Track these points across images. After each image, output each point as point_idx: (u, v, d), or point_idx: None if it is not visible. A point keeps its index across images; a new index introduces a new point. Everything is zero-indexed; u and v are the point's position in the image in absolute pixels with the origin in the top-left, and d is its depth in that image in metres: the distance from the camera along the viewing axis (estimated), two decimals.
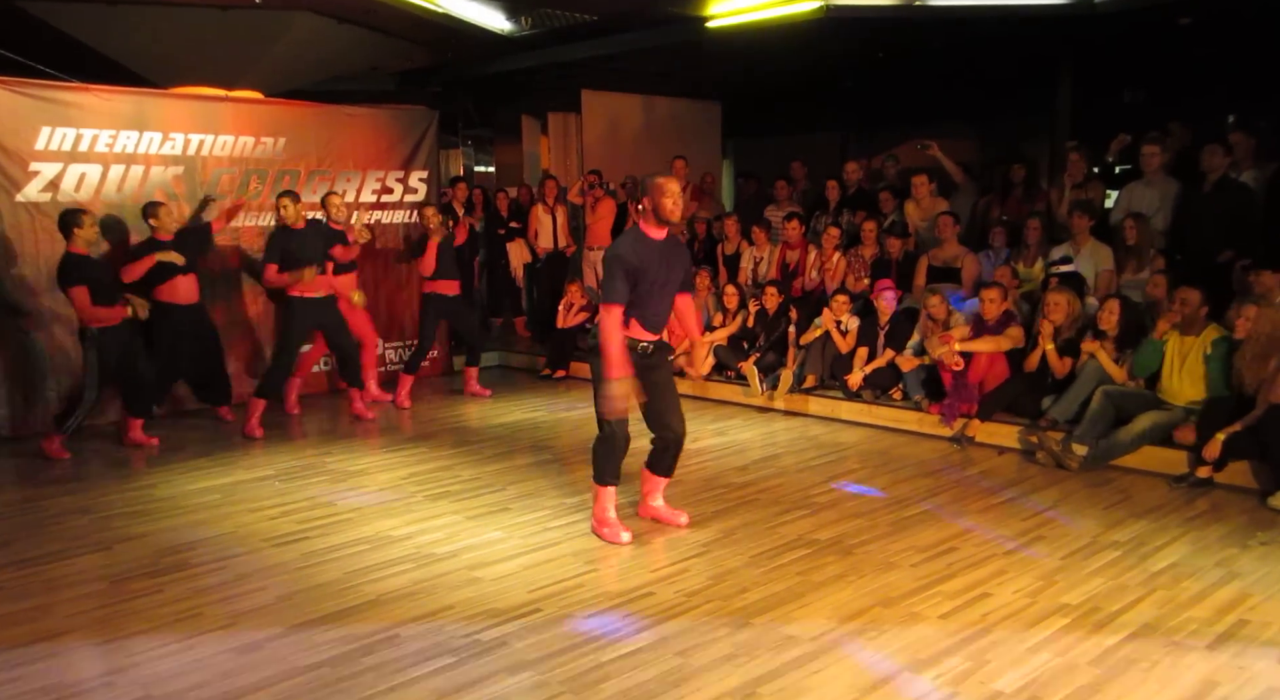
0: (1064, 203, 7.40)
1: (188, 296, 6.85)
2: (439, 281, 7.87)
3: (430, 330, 8.02)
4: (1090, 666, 3.36)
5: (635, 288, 4.41)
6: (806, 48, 9.02)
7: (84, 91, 7.09)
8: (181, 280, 6.78)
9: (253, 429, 6.87)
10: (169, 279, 6.72)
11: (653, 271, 4.44)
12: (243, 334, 7.97)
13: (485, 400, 8.19)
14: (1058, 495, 5.36)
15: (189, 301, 6.86)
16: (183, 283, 6.80)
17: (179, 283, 6.77)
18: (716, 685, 3.27)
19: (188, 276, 6.82)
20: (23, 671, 3.45)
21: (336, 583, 4.21)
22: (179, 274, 6.75)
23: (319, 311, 7.08)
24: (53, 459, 6.26)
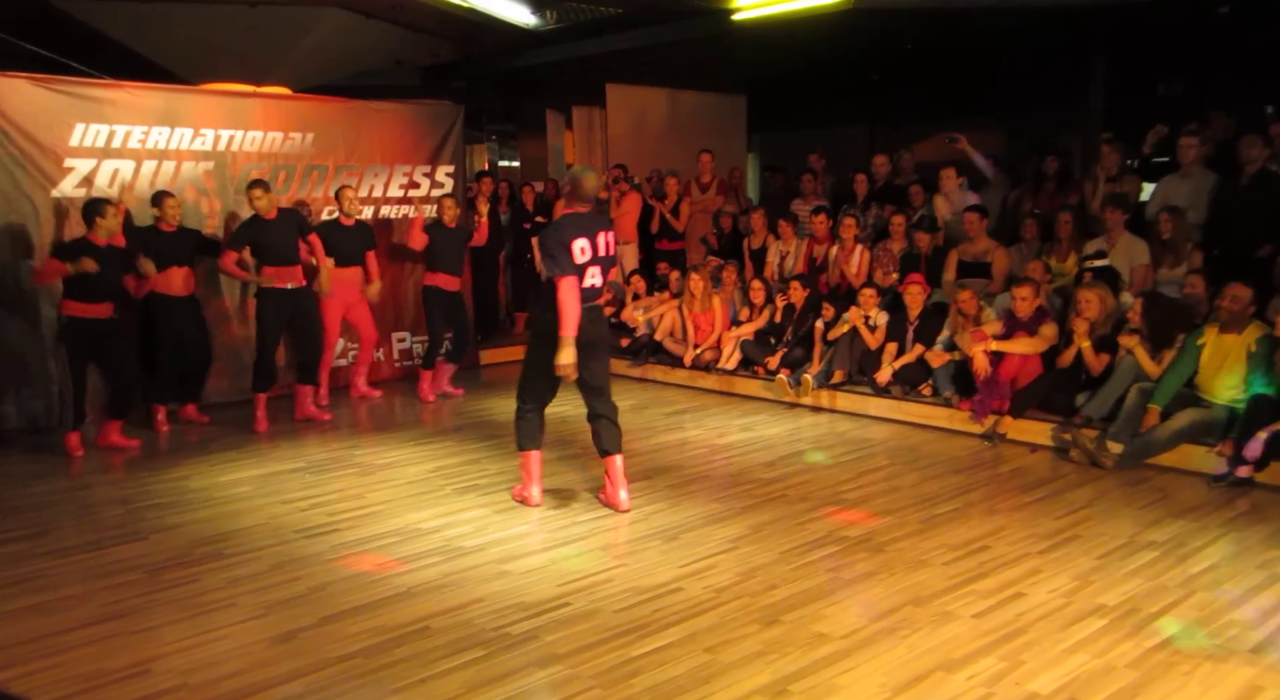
0: (1098, 196, 7.32)
1: (182, 289, 6.88)
2: (439, 274, 7.84)
3: (437, 324, 7.93)
4: (1129, 669, 3.32)
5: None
6: (833, 40, 8.96)
7: (116, 88, 7.16)
8: (176, 272, 6.80)
9: (258, 423, 6.96)
10: (165, 270, 6.73)
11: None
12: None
13: (497, 394, 8.14)
14: (1093, 494, 5.30)
15: (183, 294, 6.89)
16: (177, 275, 6.82)
17: (174, 275, 6.79)
18: (746, 682, 3.25)
19: (183, 269, 6.84)
20: (63, 658, 3.49)
21: (367, 574, 4.23)
22: (174, 266, 6.77)
23: (290, 303, 7.05)
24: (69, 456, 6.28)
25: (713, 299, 8.37)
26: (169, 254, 6.75)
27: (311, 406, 7.35)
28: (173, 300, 6.84)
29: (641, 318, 8.89)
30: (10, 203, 6.73)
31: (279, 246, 6.94)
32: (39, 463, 6.18)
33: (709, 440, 6.63)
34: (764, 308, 8.26)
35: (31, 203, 6.80)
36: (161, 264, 6.71)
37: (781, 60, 10.37)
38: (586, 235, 4.86)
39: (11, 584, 4.19)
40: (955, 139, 8.30)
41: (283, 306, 7.02)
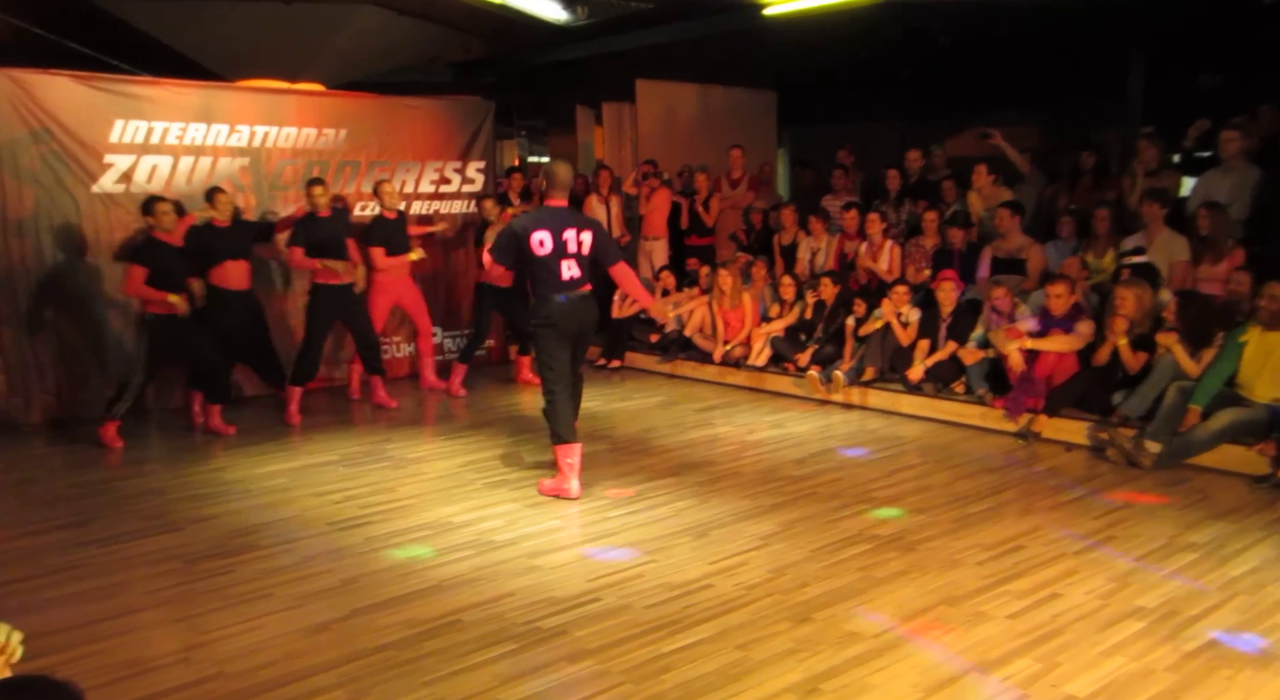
0: (1136, 191, 7.21)
1: (239, 283, 6.93)
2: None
3: (484, 320, 8.06)
4: (1168, 672, 3.27)
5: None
6: (866, 34, 8.90)
7: (155, 85, 7.26)
8: (232, 266, 6.86)
9: (291, 416, 7.04)
10: (220, 264, 6.81)
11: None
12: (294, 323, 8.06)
13: (528, 389, 8.20)
14: (1130, 494, 5.23)
15: (240, 288, 6.95)
16: (234, 269, 6.88)
17: (229, 268, 6.85)
18: (778, 680, 3.24)
19: (239, 263, 6.90)
20: (103, 646, 3.55)
21: (399, 567, 4.26)
22: (229, 260, 6.84)
23: (341, 298, 7.18)
24: (108, 447, 6.36)
25: (742, 295, 8.35)
26: (225, 249, 6.82)
27: (384, 394, 7.54)
28: (227, 293, 6.90)
29: (671, 314, 8.87)
30: (53, 198, 6.84)
31: (331, 243, 7.06)
32: (79, 453, 6.28)
33: (739, 437, 6.61)
34: (794, 304, 8.22)
35: (73, 198, 6.92)
36: (217, 258, 6.79)
37: (813, 55, 10.31)
38: (549, 228, 5.11)
39: (55, 572, 4.26)
40: (989, 134, 8.21)
41: (332, 302, 7.14)
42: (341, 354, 8.12)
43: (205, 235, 6.76)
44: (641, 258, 10.14)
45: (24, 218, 6.74)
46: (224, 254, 6.81)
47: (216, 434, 6.66)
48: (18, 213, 6.72)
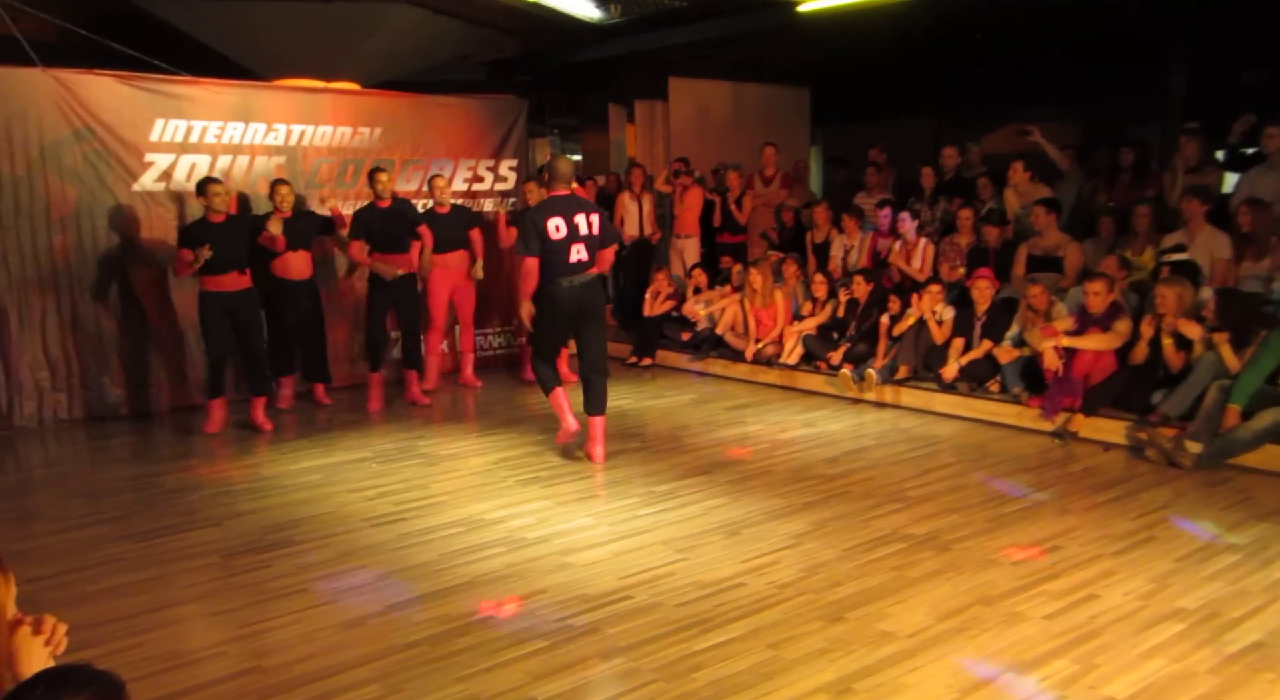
0: (1177, 188, 7.09)
1: (299, 273, 7.05)
2: None
3: None
4: (1209, 675, 3.21)
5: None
6: (901, 31, 8.83)
7: (195, 85, 7.35)
8: (292, 257, 6.99)
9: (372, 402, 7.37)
10: (282, 255, 6.93)
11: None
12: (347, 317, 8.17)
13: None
14: (1170, 494, 5.15)
15: (300, 278, 7.07)
16: (294, 259, 7.00)
17: (290, 259, 6.98)
18: (810, 679, 3.22)
19: (299, 253, 7.02)
20: (143, 638, 3.61)
21: (432, 564, 4.29)
22: (290, 251, 6.95)
23: (395, 288, 7.29)
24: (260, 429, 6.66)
25: (774, 293, 8.31)
26: (288, 239, 6.91)
27: (416, 390, 7.63)
28: (286, 283, 7.02)
29: (703, 312, 8.86)
30: (95, 196, 6.96)
31: (389, 233, 7.26)
32: (119, 448, 6.39)
33: (770, 435, 6.59)
34: (826, 302, 8.17)
35: (114, 196, 7.03)
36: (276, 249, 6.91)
37: (846, 52, 10.25)
38: (562, 215, 5.48)
39: (94, 566, 4.34)
40: (1028, 131, 8.11)
41: (387, 290, 7.30)
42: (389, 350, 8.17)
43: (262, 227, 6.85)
44: (674, 255, 10.13)
45: (66, 215, 6.87)
46: (286, 244, 6.91)
47: (256, 429, 6.74)
48: (61, 211, 6.84)
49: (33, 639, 1.94)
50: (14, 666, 1.92)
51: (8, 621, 1.94)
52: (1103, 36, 9.03)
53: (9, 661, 1.92)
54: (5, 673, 1.91)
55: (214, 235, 6.38)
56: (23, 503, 5.39)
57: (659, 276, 9.33)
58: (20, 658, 1.92)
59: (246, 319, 6.64)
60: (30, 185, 6.71)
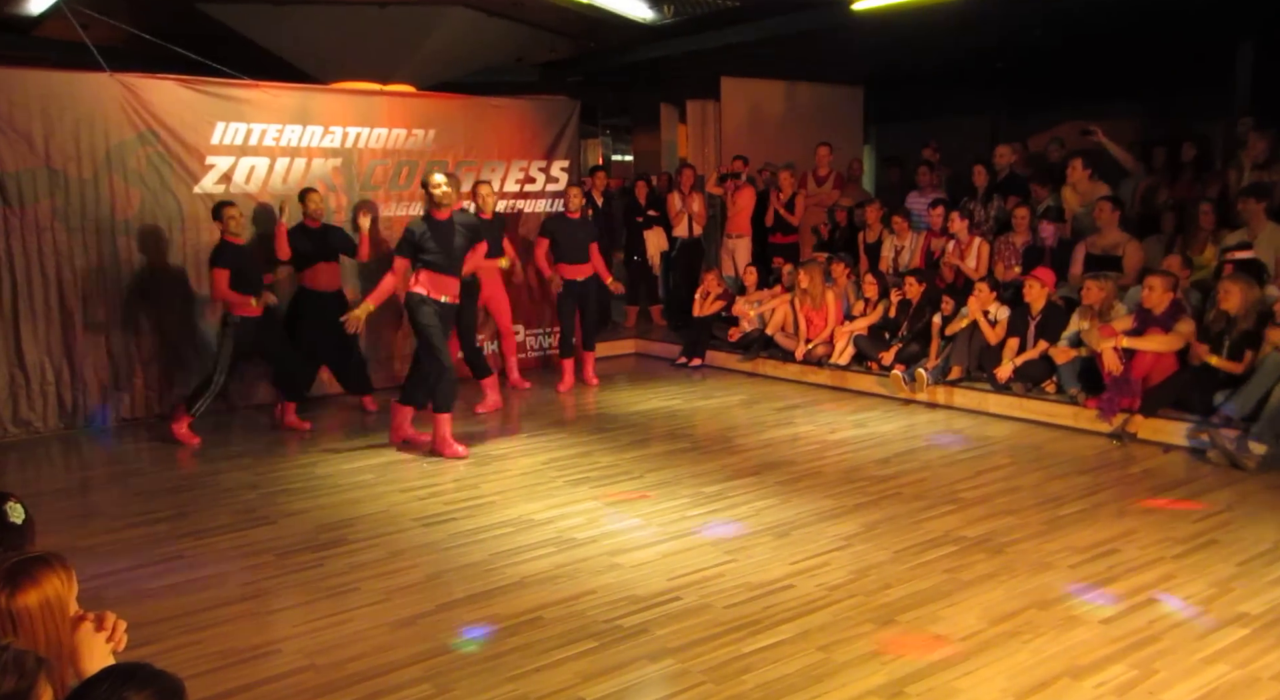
0: (1243, 184, 6.90)
1: (329, 284, 7.10)
2: (564, 265, 7.99)
3: (566, 313, 8.10)
4: (1274, 681, 3.13)
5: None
6: (957, 28, 8.69)
7: (254, 88, 7.48)
8: (323, 268, 7.05)
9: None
10: (312, 266, 7.01)
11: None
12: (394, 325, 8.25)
13: (607, 387, 8.24)
14: (1233, 497, 5.01)
15: (329, 289, 7.11)
16: (324, 270, 7.06)
17: (320, 270, 7.04)
18: (861, 682, 3.20)
19: (329, 264, 7.08)
20: (200, 636, 3.68)
21: (482, 563, 4.33)
22: (320, 262, 7.01)
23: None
24: (183, 443, 6.52)
25: (826, 293, 8.24)
26: (316, 250, 7.01)
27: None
28: (316, 294, 7.07)
29: (753, 312, 8.82)
30: (158, 199, 7.12)
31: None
32: (178, 448, 6.52)
33: (820, 436, 6.54)
34: (878, 302, 8.09)
35: (176, 199, 7.19)
36: (308, 261, 7.01)
37: (901, 51, 10.12)
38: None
39: (155, 563, 4.44)
40: (1091, 131, 7.96)
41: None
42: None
43: (296, 237, 6.96)
44: (725, 255, 10.11)
45: (130, 218, 7.03)
46: (315, 256, 7.00)
47: (292, 430, 6.82)
48: (125, 213, 7.01)
49: (95, 635, 2.00)
50: (76, 662, 1.97)
51: (70, 618, 2.00)
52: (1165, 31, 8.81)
53: (72, 657, 1.98)
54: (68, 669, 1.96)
55: (241, 258, 6.47)
56: (84, 500, 5.53)
57: (708, 277, 9.31)
58: (82, 654, 1.98)
59: (268, 335, 6.69)
60: (96, 188, 6.88)
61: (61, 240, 6.79)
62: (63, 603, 1.98)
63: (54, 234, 6.76)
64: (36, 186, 6.66)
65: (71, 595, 2.02)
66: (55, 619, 1.96)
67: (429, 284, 6.00)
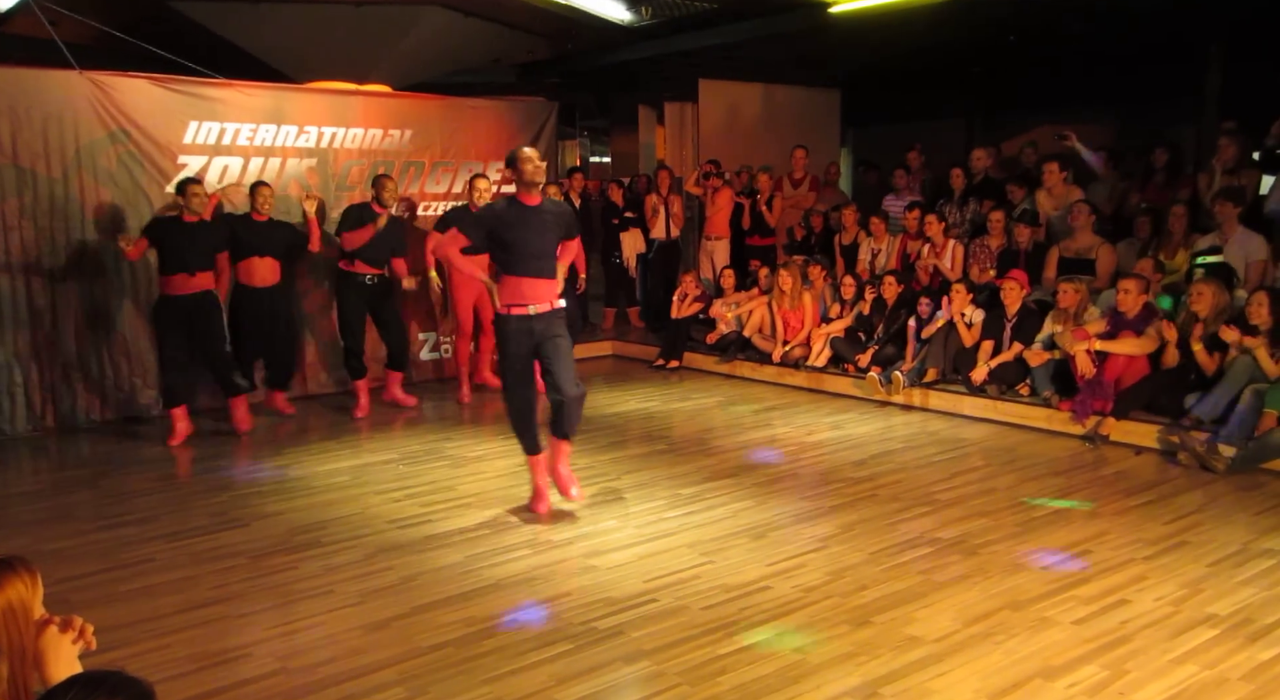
0: (1214, 189, 6.99)
1: (263, 280, 6.97)
2: None
3: None
4: (1242, 681, 3.16)
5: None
6: (933, 32, 8.75)
7: (228, 87, 7.41)
8: (258, 263, 6.91)
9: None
10: (246, 259, 6.89)
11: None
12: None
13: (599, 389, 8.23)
14: (1203, 499, 5.08)
15: (264, 285, 6.97)
16: (259, 266, 6.93)
17: (254, 265, 6.91)
18: (836, 683, 3.20)
19: (264, 260, 6.94)
20: (172, 639, 3.64)
21: (458, 565, 4.31)
22: (255, 257, 6.90)
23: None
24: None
25: (803, 296, 8.28)
26: (252, 244, 6.88)
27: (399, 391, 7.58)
28: (250, 290, 6.94)
29: (730, 314, 8.84)
30: (128, 198, 7.04)
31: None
32: (148, 449, 6.45)
33: (797, 438, 6.56)
34: (854, 304, 8.12)
35: (147, 198, 7.11)
36: (244, 253, 6.88)
37: (878, 54, 10.18)
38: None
39: (124, 567, 4.38)
40: (1065, 136, 8.03)
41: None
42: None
43: (238, 226, 6.86)
44: (703, 257, 10.12)
45: (100, 217, 6.95)
46: (251, 249, 6.88)
47: (234, 431, 6.70)
48: (95, 212, 6.93)
49: (60, 638, 1.97)
50: (42, 667, 1.94)
51: (35, 622, 1.97)
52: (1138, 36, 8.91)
53: (37, 661, 1.95)
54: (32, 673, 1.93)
55: (184, 234, 6.39)
56: (54, 503, 5.45)
57: (686, 279, 9.32)
58: (48, 658, 1.95)
59: (204, 324, 6.54)
60: (65, 186, 6.80)
61: (29, 239, 6.70)
62: (26, 608, 1.95)
63: (21, 233, 6.67)
64: (4, 185, 6.57)
65: (36, 600, 1.99)
66: (18, 624, 1.92)
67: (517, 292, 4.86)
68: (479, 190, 7.51)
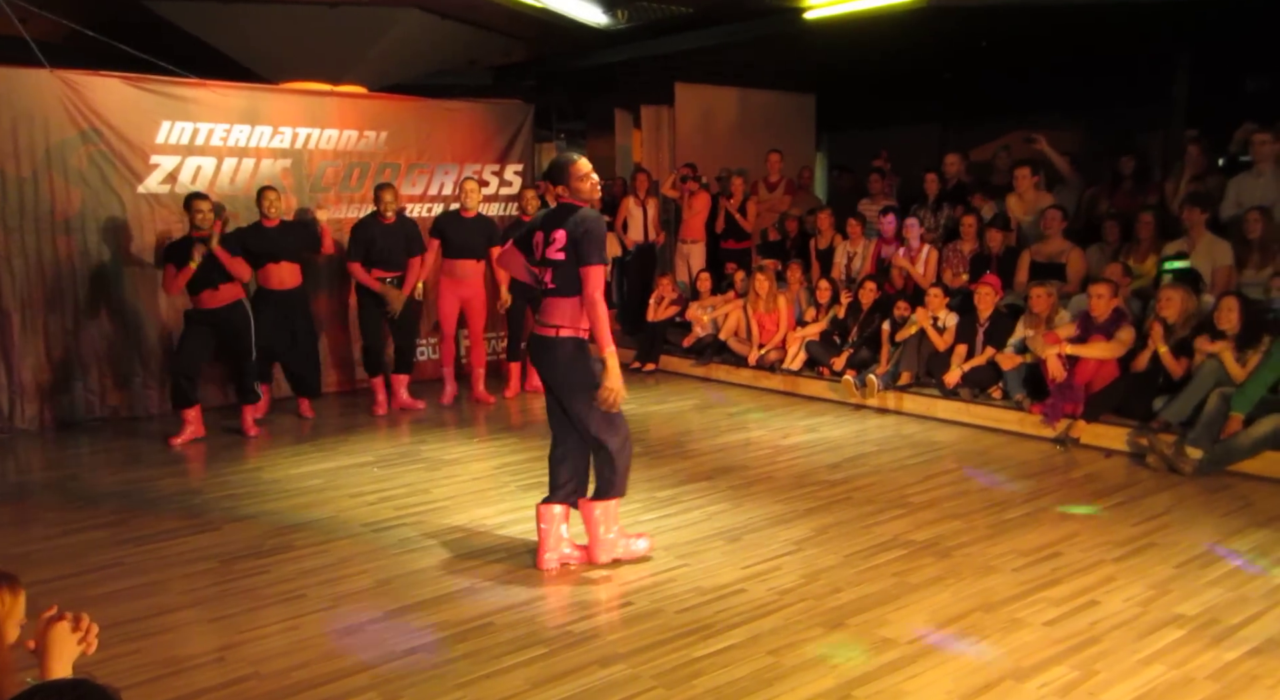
0: (1180, 195, 7.09)
1: (281, 283, 6.95)
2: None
3: (517, 317, 7.99)
4: (1208, 681, 3.21)
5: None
6: (906, 38, 8.83)
7: (201, 87, 7.35)
8: (275, 268, 6.90)
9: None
10: (264, 266, 6.87)
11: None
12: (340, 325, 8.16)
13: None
14: (1170, 500, 5.14)
15: (284, 287, 6.96)
16: (277, 270, 6.91)
17: (272, 270, 6.90)
18: (810, 686, 3.22)
19: (282, 264, 6.92)
20: (141, 644, 3.60)
21: (432, 569, 4.29)
22: (271, 262, 6.87)
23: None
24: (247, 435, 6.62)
25: (778, 299, 8.31)
26: (267, 250, 6.86)
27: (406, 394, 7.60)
28: (271, 293, 6.93)
29: (706, 317, 8.86)
30: (99, 198, 6.97)
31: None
32: (120, 451, 6.39)
33: (773, 441, 6.59)
34: (830, 307, 8.17)
35: (119, 198, 7.04)
36: (261, 260, 6.86)
37: (853, 59, 10.25)
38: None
39: (93, 571, 4.33)
40: (1034, 139, 8.11)
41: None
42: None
43: (249, 237, 6.85)
44: (679, 261, 10.13)
45: (71, 217, 6.88)
46: (266, 256, 6.88)
47: (244, 434, 6.68)
48: (65, 212, 6.85)
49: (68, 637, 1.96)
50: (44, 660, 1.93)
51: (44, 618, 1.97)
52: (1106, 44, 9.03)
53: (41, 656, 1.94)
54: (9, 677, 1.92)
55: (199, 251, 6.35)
56: (22, 506, 5.38)
57: (663, 282, 9.34)
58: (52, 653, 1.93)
59: (233, 334, 6.57)
60: (35, 186, 6.72)
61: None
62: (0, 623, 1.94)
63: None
64: None
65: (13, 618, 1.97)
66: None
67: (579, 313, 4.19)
68: (467, 192, 7.54)
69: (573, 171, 4.18)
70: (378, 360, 7.44)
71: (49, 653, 1.94)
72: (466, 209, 7.58)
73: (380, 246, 7.21)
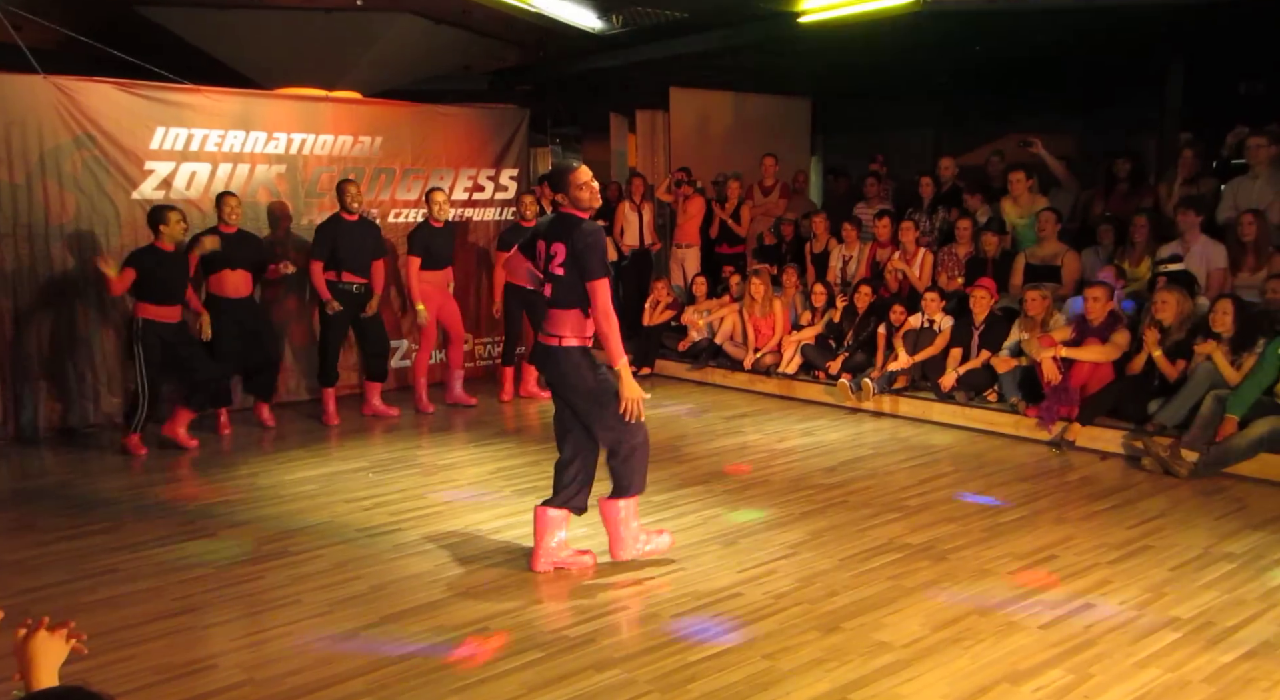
0: (1174, 198, 7.11)
1: (236, 291, 6.84)
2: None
3: (514, 321, 7.99)
4: (1204, 684, 3.21)
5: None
6: (901, 42, 8.84)
7: (196, 93, 7.35)
8: (229, 275, 6.78)
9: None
10: (218, 272, 6.77)
11: None
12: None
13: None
14: (1166, 503, 5.15)
15: (237, 296, 6.85)
16: (230, 277, 6.80)
17: (226, 277, 6.78)
18: (806, 690, 3.22)
19: (236, 272, 6.81)
20: (137, 651, 3.59)
21: (427, 574, 4.28)
22: (227, 269, 6.77)
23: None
24: (133, 455, 6.36)
25: (773, 303, 8.32)
26: (224, 256, 6.73)
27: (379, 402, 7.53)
28: (224, 301, 6.79)
29: (701, 321, 8.86)
30: (94, 204, 6.96)
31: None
32: (113, 458, 6.37)
33: (768, 445, 6.59)
34: (825, 311, 8.18)
35: (113, 204, 7.03)
36: (215, 266, 6.76)
37: (847, 63, 10.25)
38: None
39: (87, 577, 4.32)
40: (1030, 143, 8.13)
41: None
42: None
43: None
44: (674, 265, 10.13)
45: (65, 223, 6.86)
46: (221, 261, 6.74)
47: (175, 443, 6.51)
48: (59, 218, 6.84)
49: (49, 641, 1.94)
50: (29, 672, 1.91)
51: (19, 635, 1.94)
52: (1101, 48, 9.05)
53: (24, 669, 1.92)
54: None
55: (165, 263, 6.26)
56: (17, 513, 5.35)
57: (658, 286, 9.35)
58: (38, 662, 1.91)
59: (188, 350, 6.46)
60: (29, 193, 6.70)
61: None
62: None
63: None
64: None
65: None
66: None
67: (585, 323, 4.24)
68: (436, 203, 7.51)
69: (572, 179, 4.19)
70: (332, 370, 7.32)
71: (34, 664, 1.92)
72: (436, 219, 7.56)
73: (346, 246, 7.09)
